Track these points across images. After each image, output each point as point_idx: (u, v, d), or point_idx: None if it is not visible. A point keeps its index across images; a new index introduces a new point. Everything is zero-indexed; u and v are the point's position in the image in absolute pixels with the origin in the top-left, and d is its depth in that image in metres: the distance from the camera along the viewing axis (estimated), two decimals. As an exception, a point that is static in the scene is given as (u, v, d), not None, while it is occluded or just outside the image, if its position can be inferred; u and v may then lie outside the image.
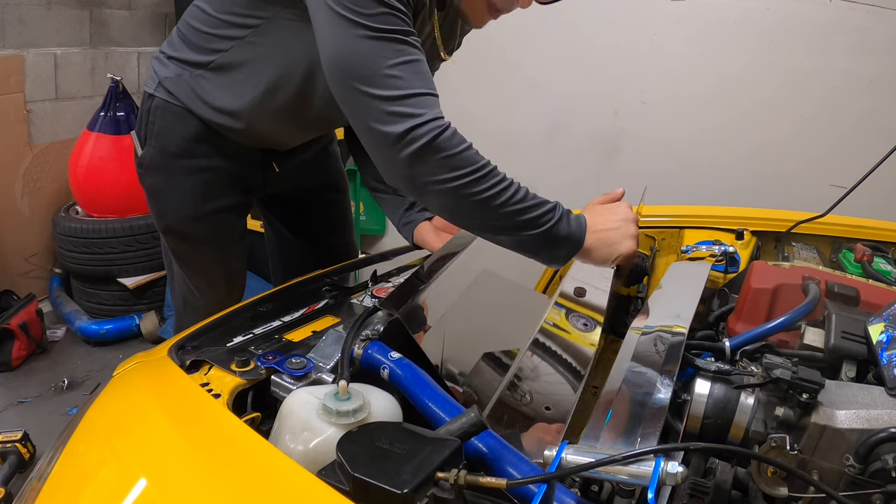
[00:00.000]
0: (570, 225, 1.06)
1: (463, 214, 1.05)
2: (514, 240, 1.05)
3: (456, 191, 0.99)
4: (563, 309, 1.19)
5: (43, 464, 0.84)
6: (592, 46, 2.95)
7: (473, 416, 0.76)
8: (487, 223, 1.04)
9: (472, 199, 1.00)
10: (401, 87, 0.96)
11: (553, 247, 1.06)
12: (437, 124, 0.97)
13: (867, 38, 2.49)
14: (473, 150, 1.01)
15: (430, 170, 0.98)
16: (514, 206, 1.01)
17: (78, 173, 2.95)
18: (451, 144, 0.98)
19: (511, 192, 1.01)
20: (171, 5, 3.42)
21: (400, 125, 0.96)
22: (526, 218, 1.02)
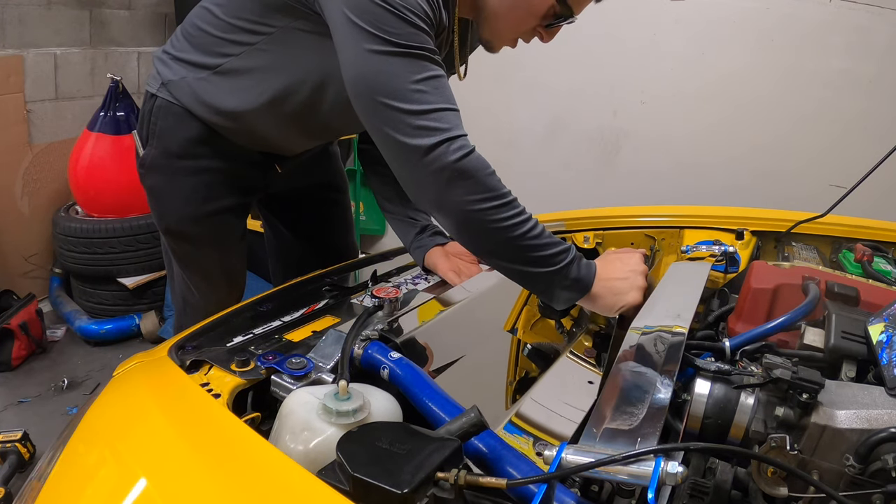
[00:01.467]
0: (580, 269, 1.07)
1: (479, 239, 1.05)
2: (523, 273, 1.06)
3: (478, 214, 1.00)
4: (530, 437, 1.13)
5: (43, 464, 0.84)
6: (592, 46, 2.95)
7: (473, 416, 0.76)
8: (501, 251, 1.05)
9: (492, 226, 1.00)
10: (427, 101, 0.97)
11: (560, 287, 1.07)
12: (465, 143, 0.98)
13: (867, 37, 2.49)
14: (497, 176, 1.02)
15: (456, 188, 0.99)
16: (531, 241, 1.02)
17: (78, 173, 2.95)
18: (478, 165, 0.99)
19: (530, 226, 1.02)
20: (171, 5, 3.42)
21: (428, 139, 0.96)
22: (540, 255, 1.03)
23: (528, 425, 1.10)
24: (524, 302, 1.73)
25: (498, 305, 1.56)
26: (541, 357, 1.69)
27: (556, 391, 1.24)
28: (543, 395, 1.21)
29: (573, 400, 1.18)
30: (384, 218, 1.57)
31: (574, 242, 1.74)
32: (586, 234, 1.73)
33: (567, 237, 1.75)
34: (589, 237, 1.73)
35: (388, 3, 0.95)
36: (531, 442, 1.04)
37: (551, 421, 1.12)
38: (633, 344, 0.92)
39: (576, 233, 1.74)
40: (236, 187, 1.42)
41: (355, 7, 0.96)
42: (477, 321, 1.40)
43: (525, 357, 1.70)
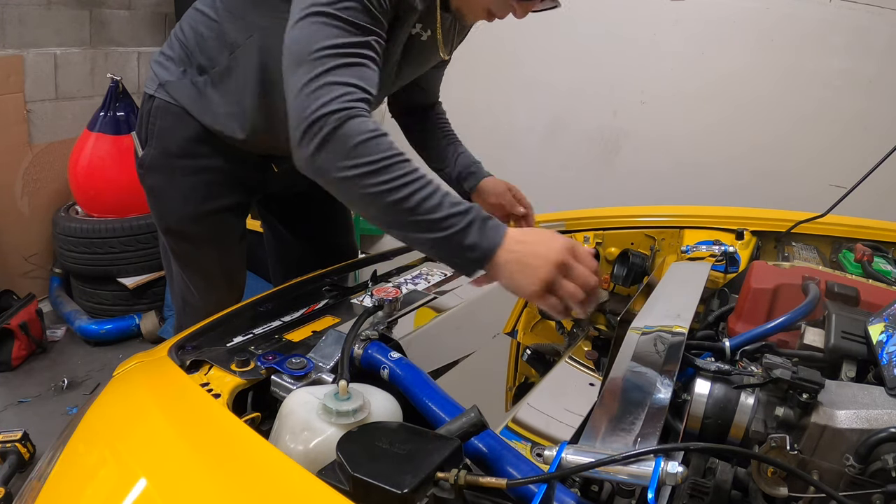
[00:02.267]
0: (480, 235, 0.93)
1: (358, 206, 0.99)
2: (415, 239, 0.97)
3: (348, 182, 0.93)
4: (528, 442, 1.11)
5: (43, 464, 0.84)
6: (592, 46, 2.95)
7: (474, 416, 0.76)
8: (384, 218, 0.96)
9: (365, 192, 0.93)
10: (327, 70, 0.94)
11: (458, 255, 0.95)
12: (345, 114, 0.93)
13: (867, 37, 2.49)
14: (380, 141, 0.94)
15: (326, 157, 0.94)
16: (413, 206, 0.92)
17: (78, 173, 2.95)
18: (352, 132, 0.92)
19: (411, 190, 0.92)
20: (171, 5, 3.42)
21: (312, 110, 0.93)
22: (424, 219, 0.93)
23: (526, 431, 1.10)
24: (524, 304, 1.73)
25: (498, 308, 1.56)
26: (540, 362, 1.69)
27: (555, 397, 1.24)
28: (541, 401, 1.21)
29: (571, 405, 1.19)
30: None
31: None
32: (586, 234, 1.73)
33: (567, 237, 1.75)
34: (589, 237, 1.73)
35: None
36: (529, 447, 1.04)
37: (549, 426, 1.12)
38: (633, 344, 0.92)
39: (576, 233, 1.74)
40: (235, 187, 1.42)
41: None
42: (476, 324, 1.40)
43: (524, 362, 1.70)
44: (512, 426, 1.10)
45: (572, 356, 1.48)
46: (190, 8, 1.31)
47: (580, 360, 1.47)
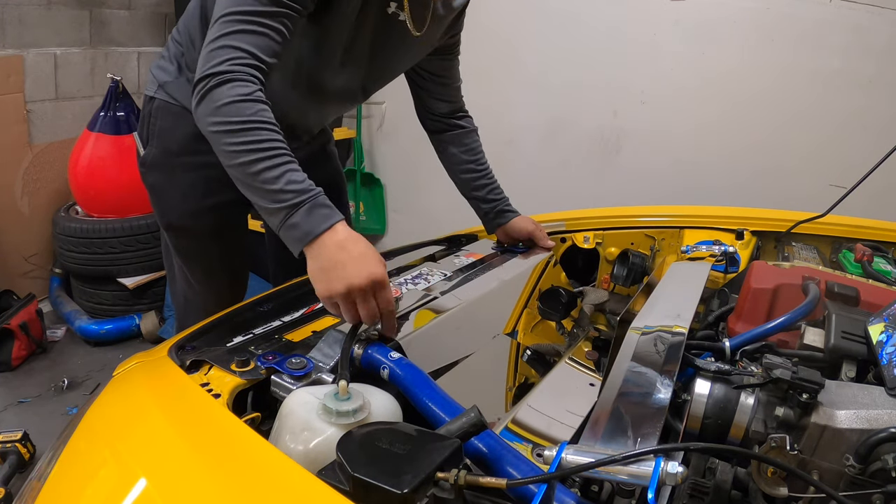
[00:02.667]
0: (305, 217, 0.99)
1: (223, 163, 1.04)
2: (258, 206, 1.03)
3: (213, 136, 1.02)
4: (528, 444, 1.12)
5: (43, 464, 0.84)
6: (592, 46, 2.96)
7: (474, 416, 0.76)
8: (235, 178, 1.04)
9: (221, 149, 1.01)
10: (221, 35, 1.02)
11: (280, 228, 1.01)
12: (225, 77, 1.00)
13: (867, 37, 2.49)
14: (245, 105, 1.00)
15: (201, 111, 1.02)
16: (255, 171, 0.99)
17: (78, 173, 2.95)
18: (223, 93, 1.00)
19: (256, 157, 0.99)
20: (171, 5, 3.42)
21: (200, 71, 1.02)
22: (262, 187, 1.00)
23: (526, 432, 1.10)
24: (524, 305, 1.73)
25: (498, 308, 1.56)
26: (540, 362, 1.69)
27: (555, 397, 1.24)
28: (541, 402, 1.21)
29: (571, 406, 1.19)
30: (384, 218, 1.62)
31: (574, 242, 1.75)
32: (586, 234, 1.74)
33: (567, 237, 1.75)
34: (589, 237, 1.73)
35: None
36: (529, 449, 1.04)
37: (549, 427, 1.12)
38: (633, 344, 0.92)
39: (576, 233, 1.74)
40: (233, 183, 1.43)
41: None
42: (476, 324, 1.40)
43: (524, 363, 1.70)
44: (513, 427, 1.10)
45: (572, 357, 1.48)
46: (183, 16, 1.36)
47: (580, 360, 1.47)
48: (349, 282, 0.97)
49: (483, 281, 1.40)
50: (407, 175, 3.66)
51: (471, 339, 1.35)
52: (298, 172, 1.01)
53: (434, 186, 2.15)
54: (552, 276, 1.79)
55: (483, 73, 3.06)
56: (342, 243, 0.99)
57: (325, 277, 0.98)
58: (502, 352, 1.61)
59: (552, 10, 3.00)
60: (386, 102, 3.60)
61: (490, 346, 1.51)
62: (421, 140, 1.69)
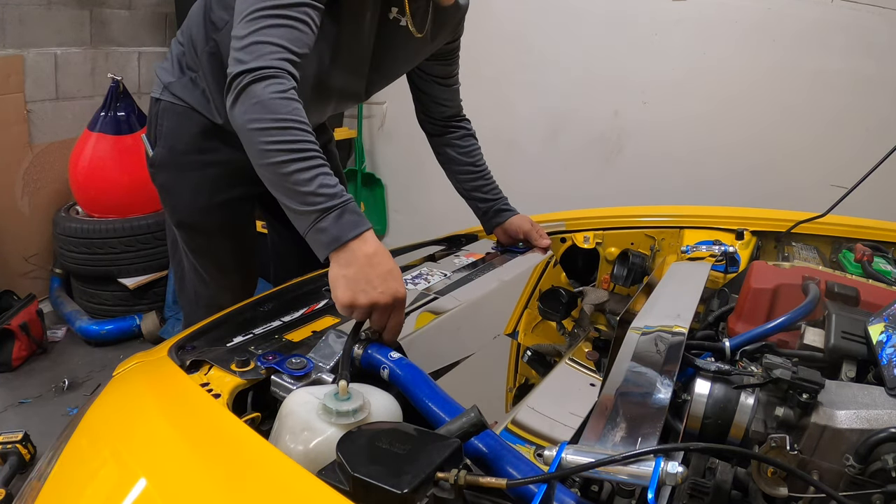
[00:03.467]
0: (335, 223, 0.99)
1: (254, 162, 1.03)
2: (287, 207, 1.03)
3: (248, 134, 1.01)
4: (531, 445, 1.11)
5: (43, 464, 0.84)
6: (593, 46, 2.96)
7: (474, 416, 0.76)
8: (266, 177, 1.03)
9: (255, 148, 1.00)
10: (252, 31, 1.01)
11: (309, 231, 1.01)
12: (262, 73, 0.99)
13: (868, 37, 2.49)
14: (282, 103, 1.00)
15: (238, 109, 1.01)
16: (287, 171, 0.98)
17: (78, 173, 2.95)
18: (260, 89, 0.99)
19: (290, 158, 0.98)
20: (171, 5, 3.42)
21: (234, 67, 1.01)
22: (293, 188, 0.99)
23: (526, 433, 1.10)
24: (524, 305, 1.73)
25: (498, 309, 1.56)
26: (541, 363, 1.69)
27: (555, 398, 1.24)
28: (541, 402, 1.21)
29: (571, 406, 1.19)
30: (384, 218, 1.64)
31: (574, 242, 1.75)
32: (586, 234, 1.74)
33: (567, 237, 1.75)
34: (589, 237, 1.73)
35: None
36: (531, 451, 1.04)
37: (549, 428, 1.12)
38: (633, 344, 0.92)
39: (576, 233, 1.74)
40: (241, 178, 1.46)
41: None
42: (476, 325, 1.40)
43: (525, 363, 1.70)
44: (511, 428, 1.10)
45: (573, 357, 1.48)
46: (184, 23, 1.39)
47: (581, 360, 1.47)
48: (374, 299, 0.97)
49: (483, 281, 1.41)
50: (407, 175, 3.66)
51: (471, 339, 1.35)
52: (330, 176, 1.01)
53: (434, 186, 2.15)
54: (552, 276, 1.79)
55: (484, 74, 3.06)
56: (371, 257, 0.99)
57: (349, 287, 0.98)
58: (502, 352, 1.61)
59: (553, 10, 3.00)
60: (387, 102, 3.60)
61: (490, 347, 1.51)
62: (421, 140, 1.70)
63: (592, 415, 0.78)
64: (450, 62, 1.55)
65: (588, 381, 1.37)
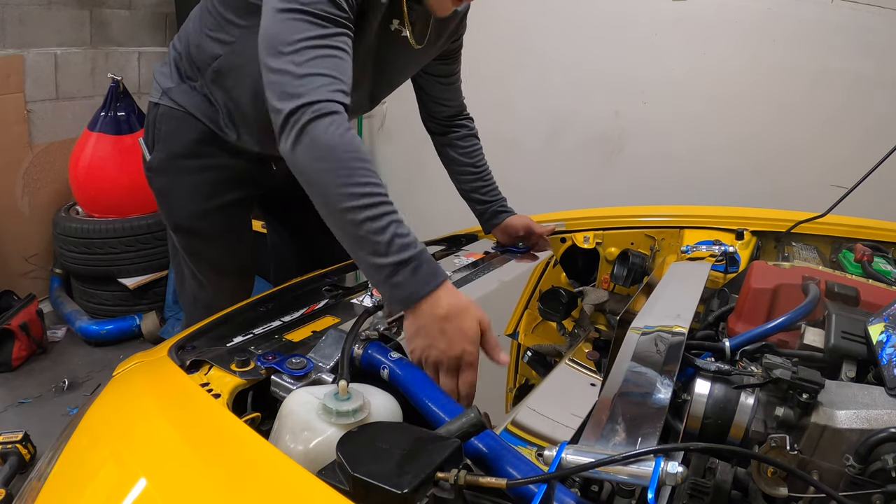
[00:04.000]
0: (412, 280, 0.95)
1: (317, 203, 0.99)
2: (357, 257, 0.98)
3: (314, 177, 0.96)
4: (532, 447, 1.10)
5: (43, 464, 0.84)
6: (594, 46, 2.95)
7: (473, 417, 0.76)
8: (332, 222, 0.98)
9: (325, 191, 0.95)
10: (304, 62, 0.98)
11: (383, 285, 0.97)
12: (324, 107, 0.96)
13: (868, 38, 2.48)
14: (352, 144, 0.96)
15: (301, 149, 0.96)
16: (360, 219, 0.93)
17: (78, 173, 2.95)
18: (323, 132, 0.95)
19: (366, 203, 0.93)
20: (172, 5, 3.42)
21: (289, 102, 0.96)
22: (366, 238, 0.94)
23: (526, 433, 1.10)
24: (525, 306, 1.73)
25: (498, 309, 1.56)
26: (541, 363, 1.69)
27: (554, 399, 1.24)
28: (541, 403, 1.21)
29: (571, 407, 1.18)
30: None
31: (574, 242, 1.75)
32: (586, 234, 1.74)
33: (567, 237, 1.75)
34: (589, 237, 1.73)
35: None
36: (532, 452, 1.04)
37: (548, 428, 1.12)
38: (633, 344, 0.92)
39: (576, 233, 1.74)
40: (238, 182, 1.47)
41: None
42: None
43: (525, 364, 1.70)
44: (511, 429, 1.10)
45: (573, 357, 1.48)
46: (186, 24, 1.39)
47: (581, 361, 1.47)
48: (438, 358, 0.95)
49: (483, 282, 1.41)
50: (407, 175, 3.66)
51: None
52: (403, 224, 0.97)
53: (434, 186, 2.15)
54: (552, 276, 1.79)
55: (485, 74, 3.06)
56: (447, 315, 0.95)
57: (420, 340, 0.96)
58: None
59: (553, 10, 3.00)
60: (387, 103, 3.58)
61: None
62: (421, 140, 1.70)
63: (592, 415, 0.78)
64: (451, 61, 1.55)
65: (588, 382, 1.37)
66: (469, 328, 0.96)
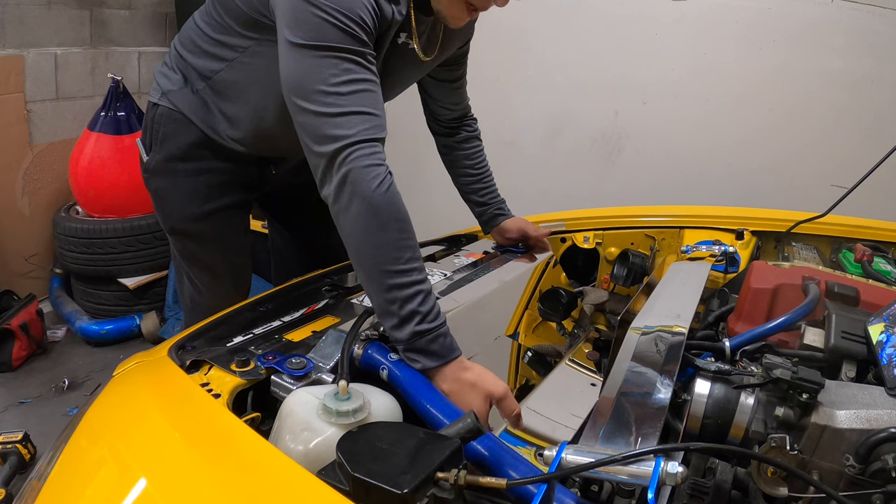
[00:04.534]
0: (426, 354, 0.98)
1: (351, 255, 1.02)
2: (377, 307, 1.01)
3: (350, 230, 1.00)
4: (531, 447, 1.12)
5: (43, 464, 0.84)
6: (593, 47, 2.95)
7: (470, 422, 0.75)
8: (361, 276, 1.02)
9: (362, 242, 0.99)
10: (338, 104, 0.98)
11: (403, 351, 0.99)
12: (360, 152, 0.97)
13: (868, 38, 2.48)
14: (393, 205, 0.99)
15: (342, 203, 0.99)
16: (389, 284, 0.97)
17: (78, 173, 2.95)
18: (366, 186, 0.97)
19: (396, 269, 0.97)
20: (172, 5, 3.42)
21: (328, 146, 0.98)
22: (393, 297, 0.97)
23: (526, 434, 1.10)
24: (525, 306, 1.73)
25: (499, 310, 1.56)
26: (541, 364, 1.69)
27: (554, 399, 1.24)
28: (541, 404, 1.21)
29: (570, 408, 1.19)
30: None
31: (574, 242, 1.75)
32: (586, 234, 1.74)
33: (567, 237, 1.75)
34: (589, 237, 1.73)
35: (319, 5, 0.97)
36: (532, 452, 1.04)
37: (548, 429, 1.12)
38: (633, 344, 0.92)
39: (576, 233, 1.74)
40: (235, 186, 1.45)
41: (290, 7, 0.99)
42: (477, 326, 1.40)
43: (525, 364, 1.70)
44: (510, 430, 1.10)
45: (572, 358, 1.48)
46: (189, 19, 1.36)
47: (581, 361, 1.48)
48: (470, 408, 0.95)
49: (483, 282, 1.41)
50: (407, 175, 3.64)
51: (472, 340, 1.35)
52: (429, 296, 1.00)
53: (434, 186, 2.15)
54: (552, 276, 1.79)
55: (484, 74, 3.06)
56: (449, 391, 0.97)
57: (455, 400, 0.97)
58: (503, 353, 1.61)
59: (553, 11, 3.00)
60: (387, 103, 3.59)
61: (491, 348, 1.51)
62: (421, 140, 1.69)
63: (592, 415, 0.78)
64: (457, 66, 1.54)
65: (587, 382, 1.37)
66: (477, 402, 0.97)
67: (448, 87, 1.57)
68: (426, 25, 1.24)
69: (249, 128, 1.33)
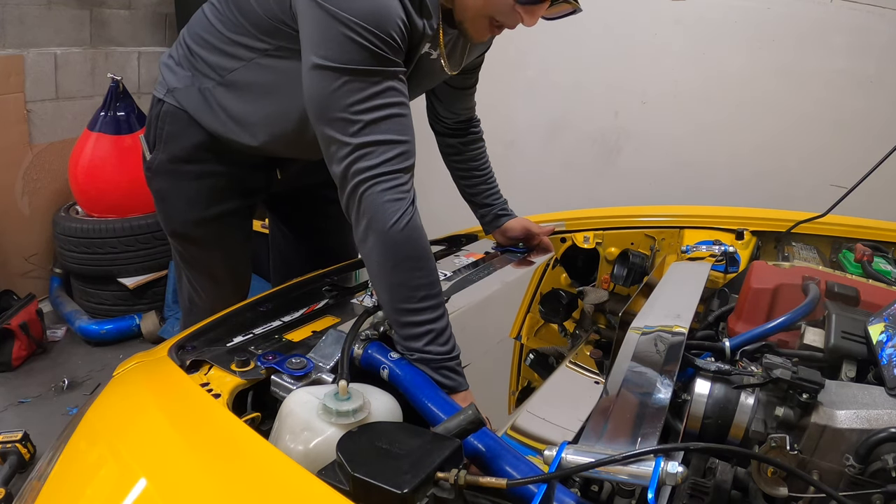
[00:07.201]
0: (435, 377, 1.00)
1: (372, 282, 1.03)
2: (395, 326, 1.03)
3: (371, 259, 1.00)
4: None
5: (43, 463, 0.84)
6: (593, 46, 2.95)
7: (471, 414, 0.76)
8: (381, 299, 1.04)
9: (378, 278, 1.01)
10: (357, 132, 0.97)
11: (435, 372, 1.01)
12: (383, 185, 0.97)
13: (868, 37, 2.48)
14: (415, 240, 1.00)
15: (362, 230, 1.00)
16: (405, 320, 0.99)
17: (78, 173, 2.95)
18: (388, 221, 0.97)
19: (413, 306, 0.99)
20: (172, 5, 3.42)
21: (351, 178, 0.98)
22: (407, 322, 1.00)
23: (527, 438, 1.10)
24: (527, 308, 1.73)
25: (501, 312, 1.56)
26: (543, 366, 1.69)
27: (555, 401, 1.24)
28: (541, 407, 1.21)
29: (571, 410, 1.18)
30: None
31: (574, 242, 1.75)
32: (586, 234, 1.74)
33: (567, 237, 1.75)
34: (589, 237, 1.73)
35: (347, 23, 0.95)
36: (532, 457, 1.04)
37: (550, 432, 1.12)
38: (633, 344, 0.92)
39: (576, 233, 1.74)
40: (239, 190, 1.43)
41: (316, 22, 0.97)
42: (479, 328, 1.39)
43: (527, 366, 1.70)
44: (511, 433, 1.10)
45: (573, 360, 1.48)
46: (198, 12, 1.30)
47: (582, 362, 1.48)
48: None
49: (485, 284, 1.40)
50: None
51: (474, 343, 1.35)
52: (442, 334, 1.01)
53: (434, 186, 2.15)
54: (553, 277, 1.79)
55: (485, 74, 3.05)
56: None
57: None
58: (505, 355, 1.61)
59: (552, 11, 3.00)
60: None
61: (493, 350, 1.51)
62: (422, 140, 1.68)
63: (592, 415, 0.78)
64: (472, 74, 1.53)
65: (588, 383, 1.37)
66: None
67: (461, 94, 1.56)
68: (452, 37, 1.23)
69: (263, 131, 1.29)
